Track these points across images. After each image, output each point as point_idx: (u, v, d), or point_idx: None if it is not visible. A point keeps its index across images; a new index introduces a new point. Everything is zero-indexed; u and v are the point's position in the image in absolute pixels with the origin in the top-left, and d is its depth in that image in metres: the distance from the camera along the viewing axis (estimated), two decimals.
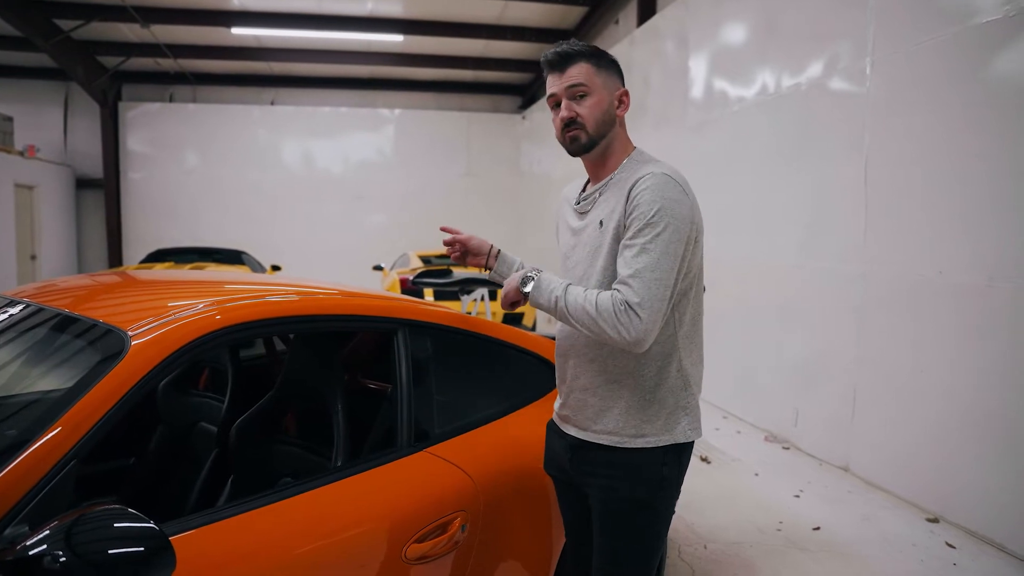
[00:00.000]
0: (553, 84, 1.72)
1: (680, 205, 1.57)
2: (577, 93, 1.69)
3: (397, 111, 15.38)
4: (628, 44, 8.95)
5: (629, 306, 1.52)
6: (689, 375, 1.71)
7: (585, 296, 1.58)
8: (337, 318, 2.02)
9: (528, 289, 1.68)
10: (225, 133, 14.86)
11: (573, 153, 1.74)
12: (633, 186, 1.60)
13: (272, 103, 15.25)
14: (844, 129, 4.76)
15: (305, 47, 12.98)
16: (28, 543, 1.15)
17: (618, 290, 1.54)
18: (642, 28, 8.61)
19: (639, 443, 1.66)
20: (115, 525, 1.21)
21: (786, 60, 5.48)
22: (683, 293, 1.66)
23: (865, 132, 4.54)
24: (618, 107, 1.74)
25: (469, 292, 5.02)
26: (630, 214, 1.59)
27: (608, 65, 1.73)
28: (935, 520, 3.90)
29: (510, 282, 1.73)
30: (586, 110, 1.69)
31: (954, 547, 3.59)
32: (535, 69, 14.03)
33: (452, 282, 3.81)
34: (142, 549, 1.19)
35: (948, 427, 3.90)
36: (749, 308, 5.92)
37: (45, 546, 1.14)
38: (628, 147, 1.78)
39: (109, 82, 13.91)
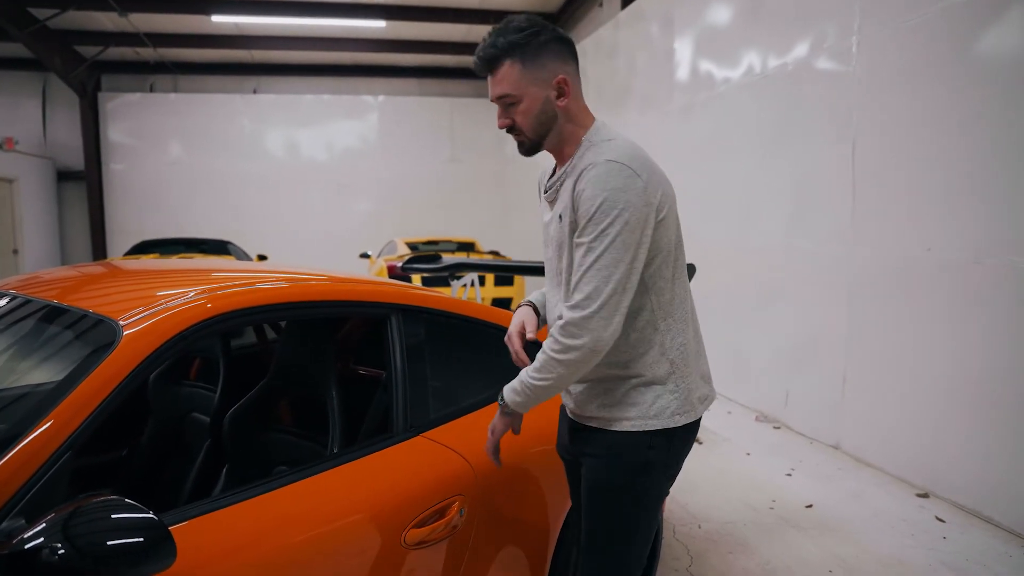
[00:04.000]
0: (489, 87, 1.64)
1: (626, 192, 1.49)
2: (507, 102, 1.62)
3: (380, 98, 15.26)
4: (612, 27, 8.92)
5: (568, 323, 1.52)
6: (674, 358, 1.64)
7: (551, 360, 1.57)
8: (330, 304, 2.00)
9: (508, 409, 1.70)
10: (208, 123, 14.68)
11: (524, 155, 1.71)
12: (579, 178, 1.55)
13: (254, 91, 15.08)
14: (831, 109, 4.77)
15: (287, 34, 12.83)
16: (25, 536, 1.13)
17: (570, 308, 1.54)
18: (627, 10, 8.57)
19: (624, 426, 1.63)
20: (113, 516, 1.20)
21: (772, 40, 5.47)
22: (656, 274, 1.61)
23: (852, 111, 4.54)
24: (558, 98, 1.61)
25: (459, 277, 5.00)
26: (576, 211, 1.56)
27: (540, 54, 1.59)
28: (925, 495, 3.95)
29: (493, 425, 1.77)
30: (520, 117, 1.62)
31: (944, 521, 3.63)
32: None
33: (441, 268, 3.79)
34: (142, 540, 1.18)
35: (937, 404, 3.94)
36: (738, 290, 5.94)
37: (42, 539, 1.13)
38: (581, 131, 1.66)
39: (87, 72, 13.69)
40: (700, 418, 1.73)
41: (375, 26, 12.29)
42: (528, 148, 1.68)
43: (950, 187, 3.83)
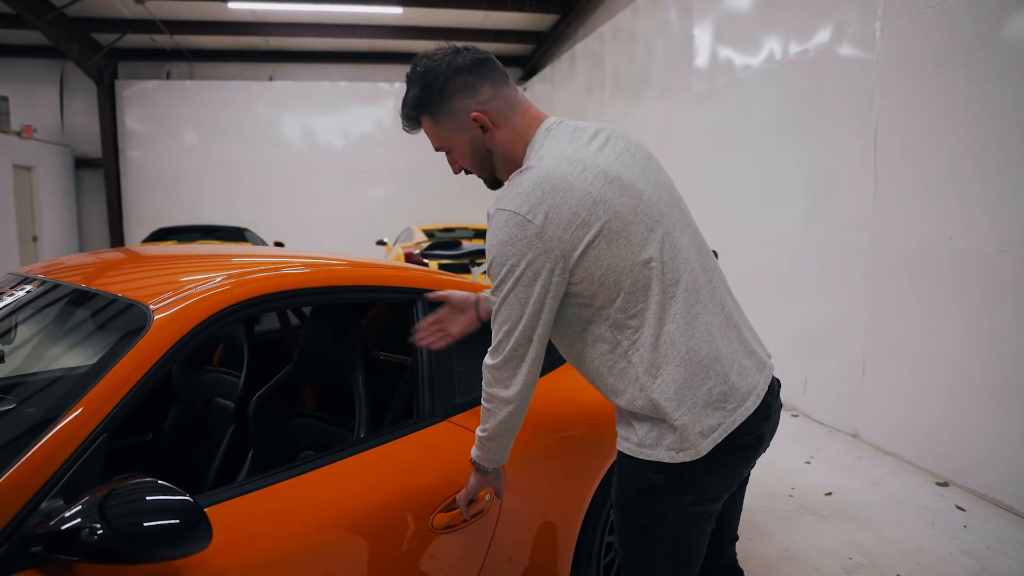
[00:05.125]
0: None
1: (514, 244, 1.37)
2: (445, 153, 1.58)
3: (397, 85, 15.25)
4: (631, 13, 8.84)
5: (483, 367, 1.54)
6: (657, 398, 1.43)
7: (483, 409, 1.58)
8: (355, 289, 2.01)
9: (478, 465, 1.69)
10: (224, 110, 14.75)
11: (491, 189, 1.65)
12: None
13: (271, 79, 15.13)
14: (853, 95, 4.71)
15: (303, 21, 12.84)
16: (65, 515, 1.15)
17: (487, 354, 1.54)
18: None
19: (624, 448, 1.55)
20: (148, 498, 1.22)
21: (793, 26, 5.41)
22: (622, 311, 1.44)
23: (874, 98, 4.49)
24: (483, 134, 1.51)
25: (479, 264, 5.02)
26: None
27: (444, 101, 1.49)
28: (945, 484, 3.93)
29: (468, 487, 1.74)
30: (459, 159, 1.57)
31: (964, 510, 3.61)
32: (535, 40, 13.91)
33: (462, 254, 3.80)
34: (178, 522, 1.19)
35: (957, 393, 3.91)
36: (757, 277, 5.91)
37: (80, 519, 1.15)
38: (524, 153, 1.53)
39: (104, 60, 13.78)
40: (743, 441, 1.51)
41: (392, 12, 12.27)
42: (490, 183, 1.63)
43: (974, 174, 3.78)
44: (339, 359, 2.16)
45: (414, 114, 1.54)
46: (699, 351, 1.45)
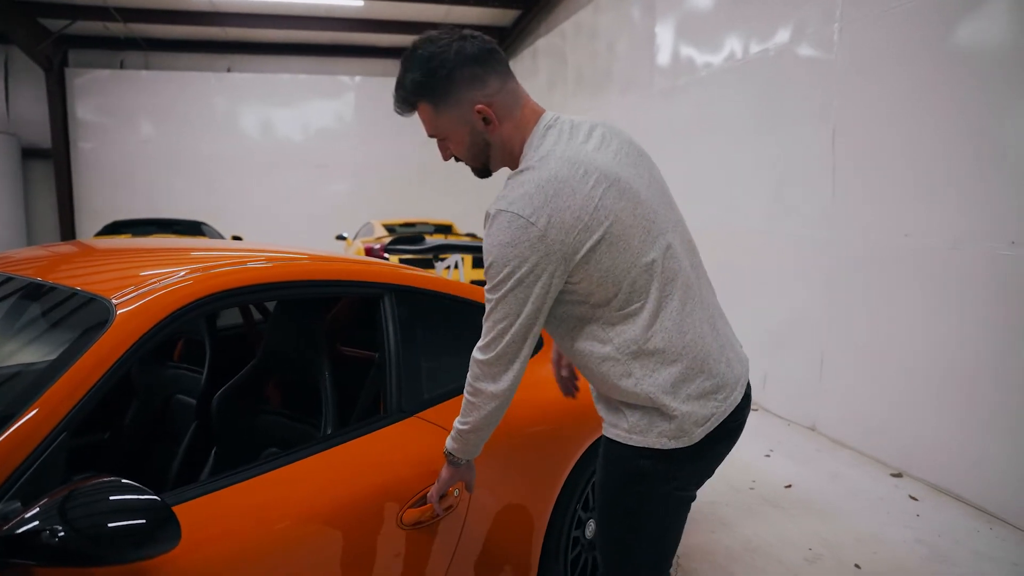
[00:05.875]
0: None
1: (516, 246, 1.36)
2: (438, 139, 1.54)
3: (358, 78, 15.10)
4: (593, 10, 8.88)
5: (472, 361, 1.53)
6: (651, 393, 1.47)
7: (465, 402, 1.59)
8: (322, 283, 1.98)
9: (452, 458, 1.67)
10: (181, 101, 14.42)
11: (480, 178, 1.64)
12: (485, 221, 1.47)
13: (229, 70, 14.83)
14: (812, 95, 4.80)
15: (262, 12, 12.61)
16: (25, 517, 1.11)
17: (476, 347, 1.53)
18: None
19: (613, 434, 1.57)
20: (111, 498, 1.18)
21: (754, 25, 5.49)
22: (615, 313, 1.46)
23: (833, 98, 4.58)
24: (485, 126, 1.47)
25: (443, 259, 4.99)
26: None
27: (449, 89, 1.44)
28: (899, 475, 4.03)
29: (440, 474, 1.73)
30: (454, 148, 1.53)
31: (917, 499, 3.72)
32: (497, 35, 13.86)
33: (425, 249, 3.77)
34: (144, 521, 1.16)
35: (911, 386, 4.02)
36: (718, 273, 5.93)
37: (38, 522, 1.11)
38: (521, 148, 1.52)
39: (54, 46, 13.34)
40: (727, 432, 1.56)
41: (353, 5, 12.13)
42: (479, 173, 1.59)
43: (929, 173, 3.88)
44: (304, 355, 2.13)
45: (412, 98, 1.48)
46: (692, 347, 1.48)
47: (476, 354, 1.51)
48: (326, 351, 2.10)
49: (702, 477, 1.61)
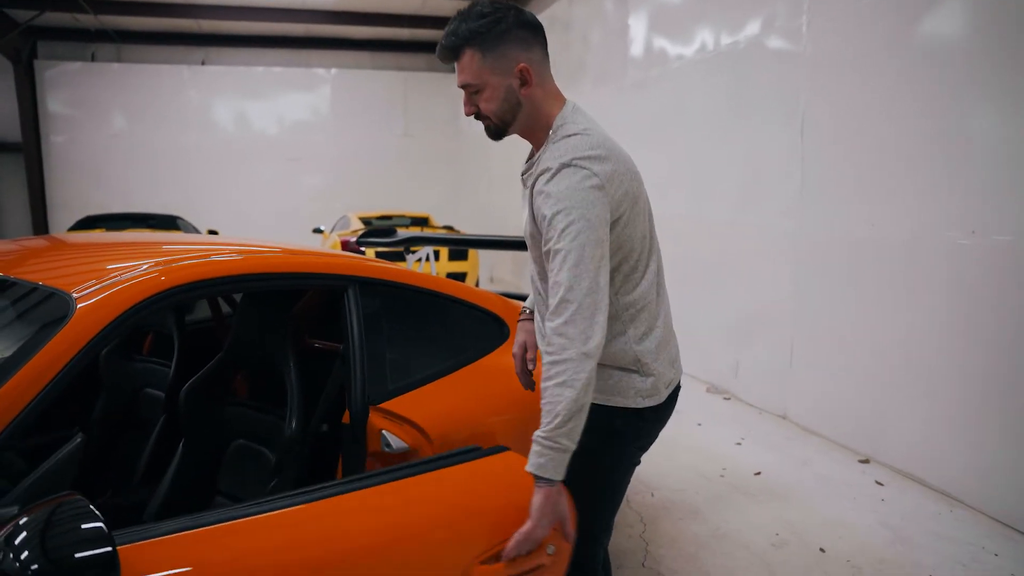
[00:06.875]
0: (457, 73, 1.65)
1: (583, 194, 1.48)
2: (471, 91, 1.62)
3: (333, 71, 14.98)
4: (567, 2, 8.89)
5: (552, 334, 1.47)
6: (639, 352, 1.66)
7: (551, 390, 1.47)
8: (286, 276, 1.99)
9: (543, 481, 1.47)
10: (154, 94, 14.23)
11: (491, 139, 1.71)
12: (537, 179, 1.56)
13: (203, 63, 14.65)
14: (781, 87, 4.86)
15: (237, 3, 12.46)
16: None
17: (548, 319, 1.50)
18: None
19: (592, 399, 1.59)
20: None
21: (725, 18, 5.53)
22: (621, 275, 1.64)
23: (801, 90, 4.64)
24: (521, 87, 1.60)
25: (413, 251, 5.00)
26: (537, 217, 1.57)
27: (500, 43, 1.57)
28: (866, 461, 4.11)
29: (538, 506, 1.47)
30: (483, 104, 1.63)
31: (882, 484, 3.80)
32: None
33: (397, 241, 3.78)
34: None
35: (878, 374, 4.09)
36: (690, 264, 6.05)
37: None
38: (552, 117, 1.64)
39: (21, 38, 13.11)
40: (674, 398, 1.79)
41: None
42: (495, 132, 1.68)
43: (895, 165, 3.95)
44: (270, 347, 2.14)
45: (461, 44, 1.58)
46: (667, 318, 1.77)
47: (555, 322, 1.48)
48: (292, 343, 2.12)
49: (652, 441, 1.81)
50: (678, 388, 1.82)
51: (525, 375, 1.95)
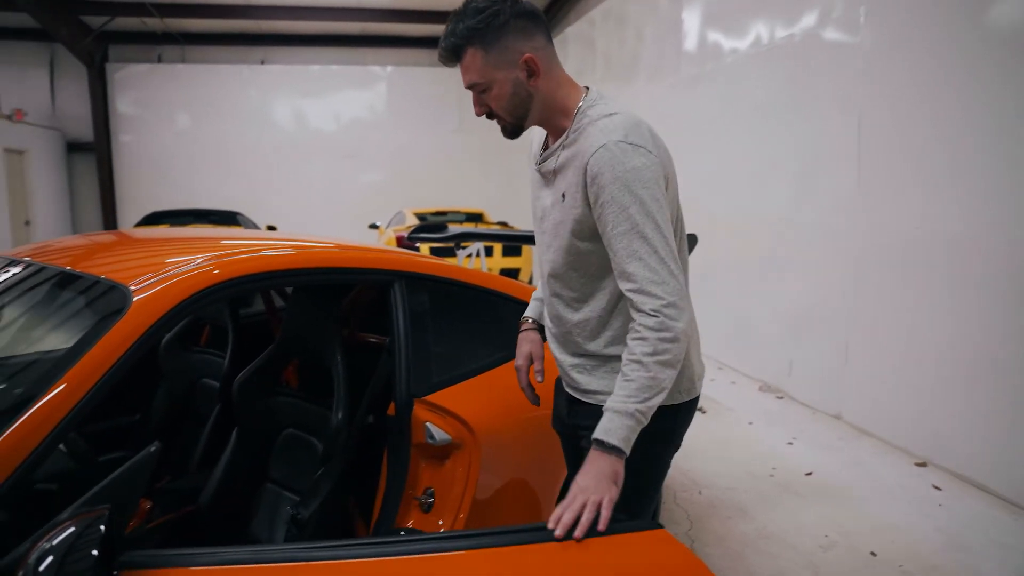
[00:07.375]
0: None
1: (644, 170, 1.44)
2: (478, 90, 1.57)
3: (388, 68, 15.20)
4: None
5: (653, 312, 1.43)
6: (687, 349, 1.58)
7: (636, 370, 1.43)
8: (334, 270, 2.04)
9: (630, 437, 1.42)
10: (216, 93, 14.69)
11: (508, 138, 1.68)
12: (589, 161, 1.47)
13: (262, 62, 15.04)
14: (838, 80, 4.74)
15: (294, 4, 12.76)
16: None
17: (634, 304, 1.45)
18: None
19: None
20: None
21: (780, 11, 5.43)
22: None
23: (859, 83, 4.52)
24: (529, 78, 1.54)
25: (464, 247, 5.04)
26: (597, 199, 1.47)
27: (500, 36, 1.51)
28: (923, 464, 4.00)
29: (598, 470, 1.39)
30: (493, 102, 1.57)
31: (940, 489, 3.68)
32: None
33: (447, 237, 3.81)
34: None
35: (936, 374, 3.97)
36: (744, 260, 5.96)
37: None
38: (570, 102, 1.58)
39: (95, 43, 13.68)
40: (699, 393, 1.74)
41: None
42: (510, 131, 1.64)
43: (957, 159, 3.82)
44: (319, 339, 2.20)
45: (461, 44, 1.53)
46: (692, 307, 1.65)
47: (645, 303, 1.44)
48: (340, 336, 2.17)
49: (682, 439, 1.77)
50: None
51: (530, 390, 1.84)
